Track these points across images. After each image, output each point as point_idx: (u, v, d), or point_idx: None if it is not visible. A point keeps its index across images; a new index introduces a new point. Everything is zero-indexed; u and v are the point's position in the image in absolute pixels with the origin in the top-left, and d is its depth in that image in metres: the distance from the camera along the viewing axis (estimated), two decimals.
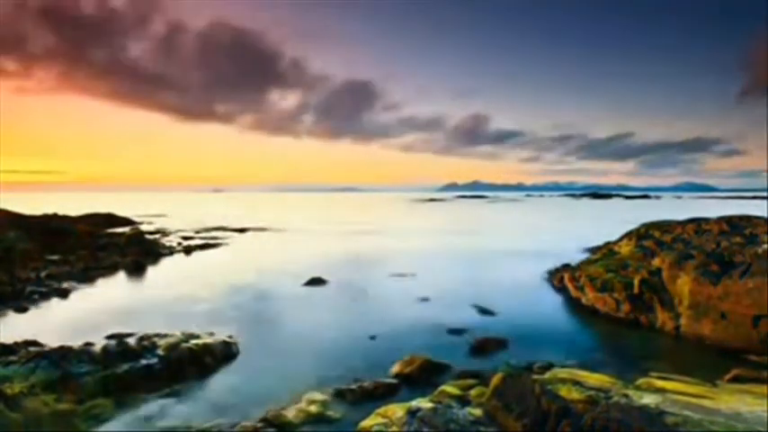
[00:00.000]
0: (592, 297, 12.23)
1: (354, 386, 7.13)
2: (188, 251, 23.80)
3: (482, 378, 6.70)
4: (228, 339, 9.15)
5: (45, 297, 13.32)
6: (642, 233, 16.68)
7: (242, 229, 36.22)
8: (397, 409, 5.18)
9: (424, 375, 7.60)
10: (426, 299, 13.27)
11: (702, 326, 9.46)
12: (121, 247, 21.90)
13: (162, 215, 53.65)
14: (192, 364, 7.90)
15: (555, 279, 15.54)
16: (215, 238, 29.75)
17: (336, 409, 6.48)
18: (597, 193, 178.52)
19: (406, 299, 13.32)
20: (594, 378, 5.56)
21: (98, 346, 7.82)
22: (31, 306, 12.32)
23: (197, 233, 33.21)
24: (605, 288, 11.98)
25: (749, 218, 16.63)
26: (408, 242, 27.81)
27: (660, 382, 5.39)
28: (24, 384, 6.21)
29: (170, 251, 23.38)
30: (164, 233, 32.22)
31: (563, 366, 6.59)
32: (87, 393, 6.55)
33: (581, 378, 5.53)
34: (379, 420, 5.05)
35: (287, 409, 6.37)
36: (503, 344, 9.33)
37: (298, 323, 10.85)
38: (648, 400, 4.77)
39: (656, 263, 11.82)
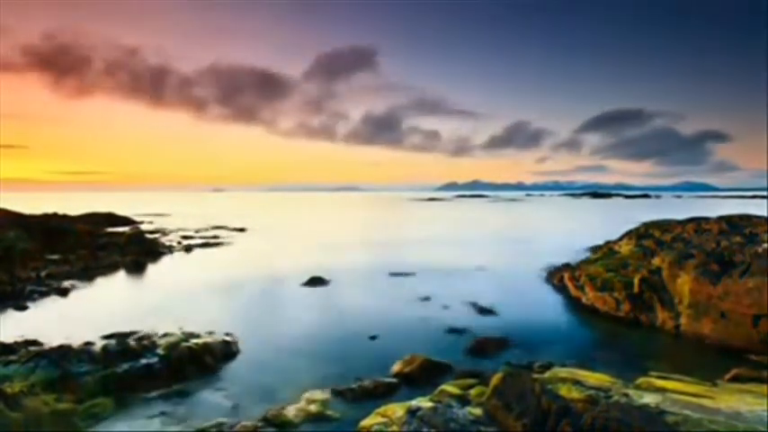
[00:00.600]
0: (592, 296, 12.23)
1: (354, 385, 7.14)
2: (188, 250, 23.82)
3: (482, 377, 6.70)
4: (228, 339, 9.15)
5: (45, 296, 13.34)
6: (642, 232, 16.70)
7: (242, 229, 36.23)
8: (397, 409, 5.18)
9: (424, 375, 7.61)
10: (427, 298, 13.27)
11: (702, 325, 9.46)
12: (121, 246, 21.90)
13: (162, 214, 53.63)
14: (192, 363, 7.90)
15: (555, 278, 15.54)
16: (215, 238, 29.75)
17: (336, 409, 6.49)
18: (597, 193, 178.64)
19: (406, 298, 13.32)
20: (594, 377, 5.55)
21: (98, 346, 7.84)
22: (32, 305, 12.33)
23: (197, 232, 33.21)
24: (605, 287, 11.98)
25: (749, 217, 16.65)
26: (408, 242, 27.81)
27: (660, 382, 5.38)
28: (24, 384, 6.21)
29: (170, 250, 23.41)
30: (164, 232, 32.22)
31: (563, 366, 6.58)
32: (87, 393, 6.56)
33: (581, 377, 5.53)
34: (379, 420, 5.05)
35: (287, 408, 6.37)
36: (503, 343, 9.33)
37: (297, 322, 10.85)
38: (648, 399, 4.76)
39: (656, 262, 11.82)
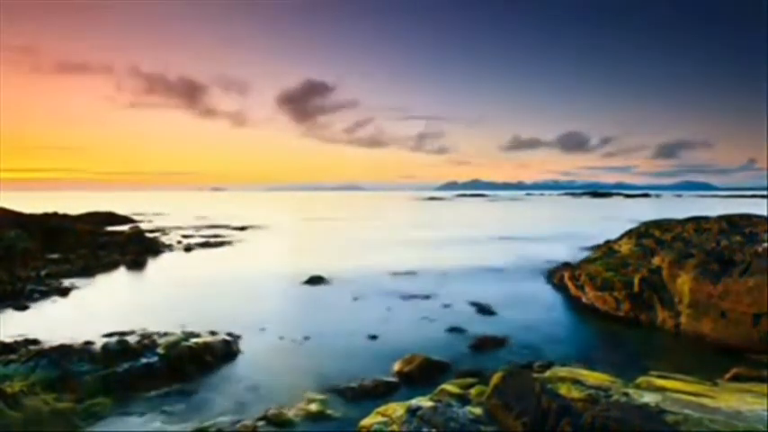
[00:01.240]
0: (592, 296, 12.24)
1: (354, 385, 7.15)
2: (188, 249, 23.82)
3: (482, 377, 6.70)
4: (228, 338, 9.15)
5: (45, 296, 13.33)
6: (642, 232, 16.69)
7: (242, 228, 36.23)
8: (397, 408, 5.17)
9: (424, 374, 7.61)
10: (427, 297, 13.28)
11: (702, 324, 9.46)
12: (121, 245, 21.91)
13: (162, 214, 53.64)
14: (193, 362, 7.90)
15: (555, 278, 15.55)
16: (215, 237, 29.75)
17: (336, 408, 6.49)
18: (597, 192, 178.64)
19: (406, 297, 13.32)
20: (594, 377, 5.55)
21: (98, 345, 7.84)
22: (32, 305, 12.32)
23: (197, 231, 33.21)
24: (605, 287, 11.98)
25: (749, 216, 16.65)
26: (409, 241, 27.82)
27: (660, 381, 5.38)
28: (24, 383, 6.21)
29: (170, 249, 23.41)
30: (164, 231, 32.23)
31: (563, 365, 6.59)
32: (87, 392, 6.56)
33: (581, 377, 5.53)
34: (379, 419, 5.05)
35: (287, 407, 6.38)
36: (502, 343, 9.34)
37: (297, 321, 10.85)
38: (648, 398, 4.76)
39: (656, 261, 11.82)
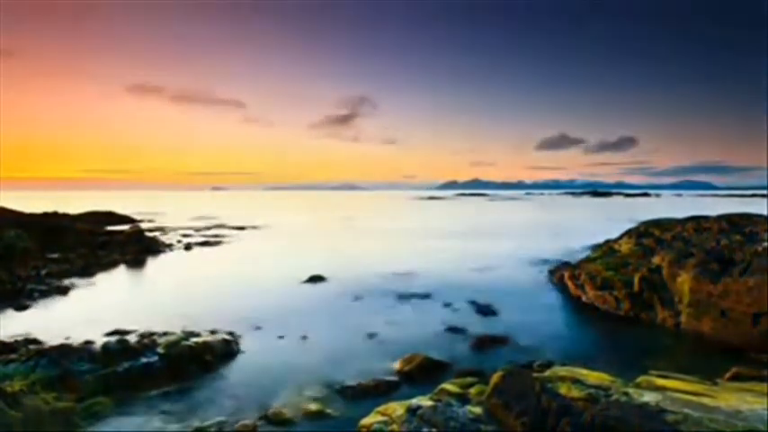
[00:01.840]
0: (592, 295, 12.24)
1: (354, 384, 7.15)
2: (188, 248, 23.83)
3: (482, 376, 6.71)
4: (228, 337, 9.16)
5: (45, 295, 13.33)
6: (642, 231, 16.68)
7: (241, 227, 36.24)
8: (397, 407, 5.18)
9: (424, 373, 7.62)
10: (426, 296, 13.28)
11: (702, 324, 9.47)
12: (121, 244, 21.91)
13: (162, 213, 53.63)
14: (193, 362, 7.91)
15: (555, 277, 15.55)
16: (215, 236, 29.76)
17: (336, 407, 6.49)
18: (597, 192, 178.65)
19: (405, 296, 13.32)
20: (594, 376, 5.55)
21: (98, 345, 7.84)
22: (32, 304, 12.33)
23: (197, 231, 33.21)
24: (605, 286, 11.99)
25: (749, 216, 16.64)
26: (407, 241, 27.83)
27: (660, 380, 5.38)
28: (24, 382, 6.21)
29: (170, 249, 23.42)
30: (163, 231, 32.23)
31: (563, 364, 6.59)
32: (87, 391, 6.56)
33: (581, 376, 5.53)
34: (379, 418, 5.05)
35: (287, 406, 6.38)
36: (502, 342, 9.35)
37: (297, 321, 10.84)
38: (648, 398, 4.77)
39: (655, 261, 11.82)
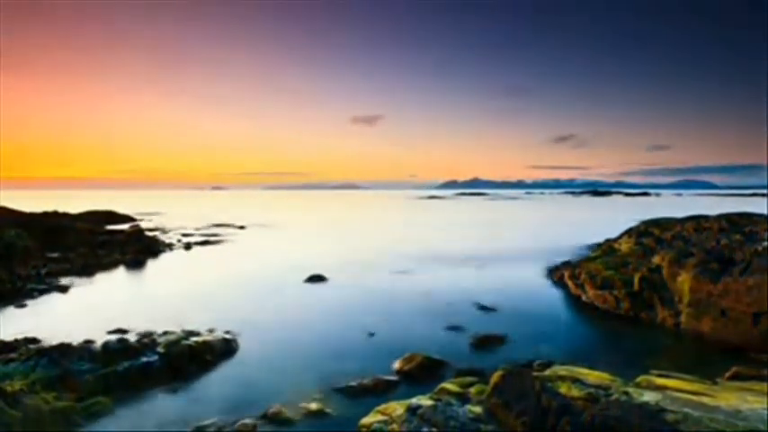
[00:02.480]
0: (592, 294, 12.24)
1: (354, 383, 7.15)
2: (188, 248, 23.83)
3: (482, 375, 6.71)
4: (228, 336, 9.16)
5: (45, 294, 13.34)
6: (642, 231, 16.69)
7: (241, 226, 36.23)
8: (397, 407, 5.18)
9: (424, 373, 7.61)
10: (426, 295, 13.28)
11: (702, 323, 9.47)
12: (121, 244, 21.89)
13: (162, 212, 53.62)
14: (192, 361, 7.91)
15: (555, 276, 15.55)
16: (215, 235, 29.75)
17: (336, 407, 6.49)
18: (597, 191, 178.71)
19: (405, 295, 13.32)
20: (594, 375, 5.55)
21: (98, 344, 7.84)
22: (32, 303, 12.34)
23: (197, 230, 33.21)
24: (605, 285, 11.99)
25: (749, 215, 16.64)
26: (407, 240, 27.83)
27: (660, 380, 5.38)
28: (24, 382, 6.21)
29: (170, 248, 23.42)
30: (163, 230, 32.22)
31: (563, 364, 6.58)
32: (87, 391, 6.56)
33: (581, 375, 5.53)
34: (380, 417, 5.05)
35: (287, 405, 6.38)
36: (502, 341, 9.35)
37: (298, 320, 10.85)
38: (648, 397, 4.77)
39: (655, 260, 11.82)
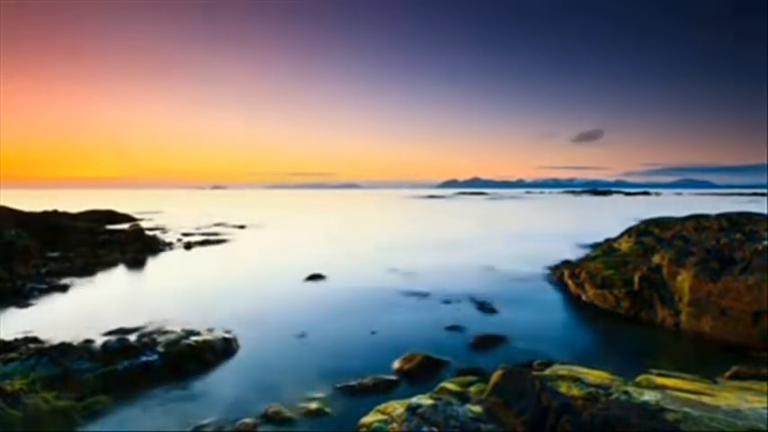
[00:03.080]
0: (591, 294, 12.24)
1: (354, 382, 7.15)
2: (188, 247, 23.84)
3: (482, 375, 6.71)
4: (228, 336, 9.16)
5: (45, 294, 13.34)
6: (642, 230, 16.67)
7: (241, 226, 36.23)
8: (397, 406, 5.18)
9: (424, 372, 7.61)
10: (426, 294, 13.28)
11: (702, 322, 9.47)
12: (122, 243, 21.90)
13: (162, 212, 53.62)
14: (192, 360, 7.91)
15: (555, 275, 15.56)
16: (215, 234, 29.75)
17: (336, 406, 6.49)
18: (597, 190, 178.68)
19: (405, 295, 13.32)
20: (594, 375, 5.55)
21: (98, 343, 7.84)
22: (32, 303, 12.34)
23: (197, 229, 33.21)
24: (605, 285, 11.99)
25: (749, 215, 16.63)
26: (407, 239, 27.83)
27: (660, 379, 5.38)
28: (24, 381, 6.21)
29: (170, 247, 23.43)
30: (163, 229, 32.22)
31: (563, 363, 6.58)
32: (87, 390, 6.56)
33: (581, 375, 5.53)
34: (379, 417, 5.05)
35: (286, 405, 6.38)
36: (502, 340, 9.35)
37: (297, 319, 10.85)
38: (648, 396, 4.77)
39: (656, 260, 11.82)
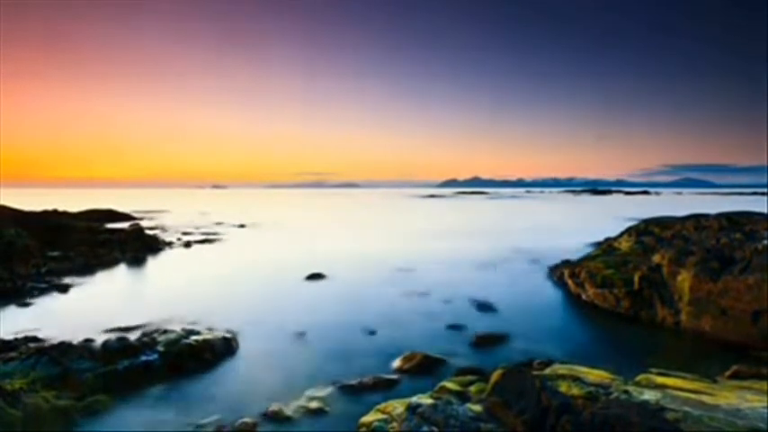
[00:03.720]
0: (591, 293, 12.24)
1: (354, 382, 7.15)
2: (188, 246, 23.85)
3: (482, 374, 6.71)
4: (228, 335, 9.16)
5: (45, 293, 13.33)
6: (642, 229, 16.66)
7: (241, 225, 36.24)
8: (397, 405, 5.19)
9: (424, 371, 7.62)
10: (426, 294, 13.28)
11: (702, 322, 9.47)
12: (122, 242, 21.88)
13: (162, 211, 53.60)
14: (192, 360, 7.91)
15: (555, 275, 15.55)
16: (215, 234, 29.76)
17: (336, 405, 6.49)
18: (596, 190, 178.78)
19: (405, 294, 13.32)
20: (594, 374, 5.55)
21: (98, 343, 7.84)
22: (32, 302, 12.33)
23: (197, 228, 33.20)
24: (605, 284, 11.98)
25: (749, 214, 16.62)
26: (408, 238, 27.83)
27: (660, 378, 5.38)
28: (24, 381, 6.21)
29: (170, 246, 23.43)
30: (163, 229, 32.22)
31: (563, 362, 6.59)
32: (87, 389, 6.56)
33: (581, 374, 5.53)
34: (379, 416, 5.06)
35: (287, 404, 6.38)
36: (502, 339, 9.35)
37: (297, 318, 10.85)
38: (648, 396, 4.77)
39: (655, 259, 11.81)
